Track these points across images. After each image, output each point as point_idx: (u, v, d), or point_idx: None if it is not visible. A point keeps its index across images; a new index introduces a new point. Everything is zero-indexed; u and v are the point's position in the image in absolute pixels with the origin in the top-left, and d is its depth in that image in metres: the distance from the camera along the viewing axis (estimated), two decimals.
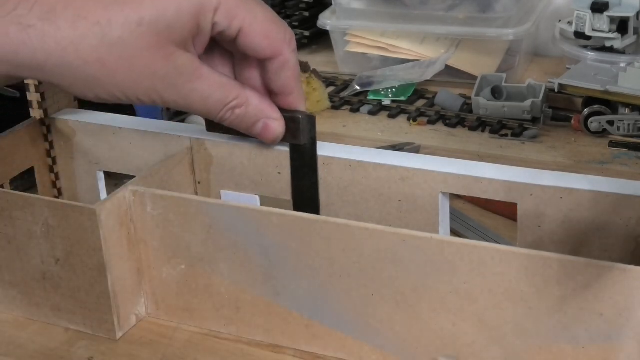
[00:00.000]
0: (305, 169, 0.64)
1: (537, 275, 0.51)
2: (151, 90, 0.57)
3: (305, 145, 0.63)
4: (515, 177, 0.59)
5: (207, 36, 0.58)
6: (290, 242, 0.57)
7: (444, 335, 0.55)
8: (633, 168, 0.88)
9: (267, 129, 0.62)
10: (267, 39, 0.59)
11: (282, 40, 0.59)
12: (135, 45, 0.55)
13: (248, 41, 0.59)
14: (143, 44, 0.55)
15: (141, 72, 0.56)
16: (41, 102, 0.74)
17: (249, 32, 0.58)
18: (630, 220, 0.56)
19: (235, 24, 0.58)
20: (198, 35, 0.58)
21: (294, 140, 0.63)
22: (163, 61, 0.56)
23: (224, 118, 0.60)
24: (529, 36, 1.10)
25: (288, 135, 0.63)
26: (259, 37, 0.59)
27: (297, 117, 0.62)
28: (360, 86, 1.10)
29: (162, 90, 0.57)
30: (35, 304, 0.64)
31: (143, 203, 0.61)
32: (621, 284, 0.49)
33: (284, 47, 0.59)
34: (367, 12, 1.14)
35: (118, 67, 0.55)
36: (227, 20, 0.58)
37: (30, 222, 0.61)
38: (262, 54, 0.59)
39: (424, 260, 0.53)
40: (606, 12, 1.02)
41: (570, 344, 0.52)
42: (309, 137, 0.63)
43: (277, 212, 0.57)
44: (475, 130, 0.98)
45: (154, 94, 0.57)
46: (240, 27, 0.58)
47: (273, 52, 0.59)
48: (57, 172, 0.77)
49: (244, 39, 0.59)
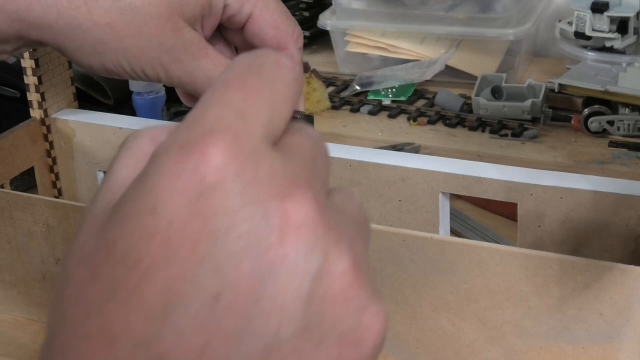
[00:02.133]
0: None
1: (537, 275, 0.51)
2: (156, 62, 0.57)
3: None
4: (515, 177, 0.59)
5: (217, 17, 0.58)
6: None
7: (444, 335, 0.55)
8: (633, 168, 0.87)
9: None
10: (275, 29, 0.59)
11: (290, 35, 0.59)
12: (146, 13, 0.55)
13: (256, 29, 0.59)
14: (154, 13, 0.56)
15: (149, 41, 0.56)
16: (41, 102, 0.74)
17: (259, 20, 0.58)
18: (630, 220, 0.56)
19: (246, 9, 0.58)
20: (208, 16, 0.58)
21: None
22: (171, 33, 0.56)
23: None
24: (529, 36, 1.10)
25: None
26: (267, 26, 0.58)
27: (295, 117, 0.62)
28: (360, 86, 1.10)
29: (167, 64, 0.57)
30: (36, 304, 0.64)
31: None
32: (621, 283, 0.49)
33: (290, 43, 0.59)
34: (367, 12, 1.14)
35: (127, 32, 0.56)
36: (238, 4, 0.58)
37: (30, 222, 0.61)
38: (267, 45, 0.59)
39: (424, 260, 0.53)
40: (606, 12, 1.02)
41: (570, 344, 0.52)
42: None
43: None
44: (475, 130, 0.98)
45: (158, 67, 0.57)
46: (250, 13, 0.58)
47: (279, 44, 0.59)
48: (57, 172, 0.77)
49: (253, 26, 0.58)
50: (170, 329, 0.28)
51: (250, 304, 0.28)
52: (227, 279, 0.28)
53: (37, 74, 0.73)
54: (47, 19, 0.55)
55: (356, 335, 0.30)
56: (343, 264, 0.29)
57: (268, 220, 0.28)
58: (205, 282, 0.28)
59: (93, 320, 0.28)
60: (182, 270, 0.28)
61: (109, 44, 0.56)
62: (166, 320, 0.28)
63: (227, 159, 0.28)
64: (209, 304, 0.28)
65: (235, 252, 0.28)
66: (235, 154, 0.28)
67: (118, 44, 0.56)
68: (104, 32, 0.55)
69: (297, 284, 0.28)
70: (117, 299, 0.28)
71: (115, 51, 0.56)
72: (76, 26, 0.55)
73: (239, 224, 0.28)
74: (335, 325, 0.29)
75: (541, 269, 0.51)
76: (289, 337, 0.28)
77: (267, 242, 0.28)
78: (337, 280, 0.29)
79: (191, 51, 0.58)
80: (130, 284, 0.28)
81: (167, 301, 0.28)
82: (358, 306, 0.30)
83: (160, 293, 0.28)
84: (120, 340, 0.28)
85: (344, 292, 0.29)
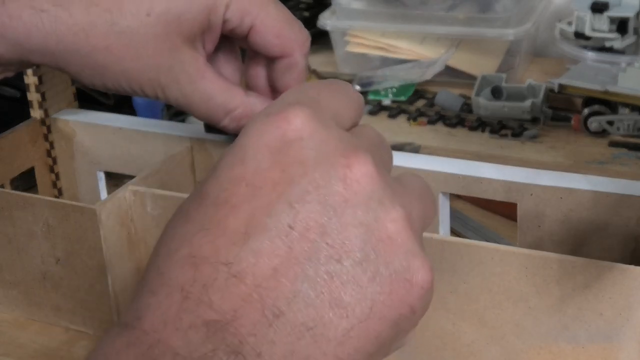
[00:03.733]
0: None
1: (537, 275, 0.51)
2: (155, 83, 0.57)
3: None
4: (515, 177, 0.59)
5: (218, 33, 0.58)
6: None
7: (443, 334, 0.55)
8: (633, 168, 0.88)
9: None
10: (278, 38, 0.58)
11: (294, 41, 0.59)
12: (143, 35, 0.55)
13: (259, 39, 0.58)
14: (150, 34, 0.56)
15: (146, 62, 0.56)
16: (42, 102, 0.74)
17: (260, 30, 0.58)
18: (630, 220, 0.56)
19: (247, 21, 0.58)
20: (208, 31, 0.58)
21: None
22: (168, 53, 0.56)
23: (228, 128, 0.60)
24: (529, 36, 1.10)
25: None
26: (269, 36, 0.58)
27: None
28: (360, 86, 1.10)
29: (165, 85, 0.57)
30: (36, 303, 0.64)
31: (143, 203, 0.61)
32: (621, 283, 0.49)
33: (295, 49, 0.59)
34: (367, 12, 1.14)
35: (125, 55, 0.56)
36: (238, 17, 0.57)
37: (30, 222, 0.61)
38: (271, 53, 0.59)
39: None
40: (606, 12, 1.02)
41: (570, 344, 0.52)
42: None
43: None
44: (475, 131, 0.98)
45: (157, 88, 0.57)
46: (252, 25, 0.58)
47: (283, 52, 0.59)
48: (57, 172, 0.77)
49: (255, 36, 0.58)
50: (248, 252, 0.33)
51: (317, 236, 0.33)
52: (299, 214, 0.33)
53: (38, 73, 0.73)
54: (47, 45, 0.55)
55: (406, 275, 0.35)
56: (397, 212, 0.35)
57: (336, 171, 0.34)
58: (282, 215, 0.33)
59: (184, 248, 0.34)
60: (263, 204, 0.33)
61: (108, 66, 0.56)
62: (246, 244, 0.33)
63: (305, 123, 0.35)
64: (284, 232, 0.33)
65: (308, 193, 0.34)
66: (311, 120, 0.35)
67: (117, 66, 0.56)
68: (103, 55, 0.56)
69: (357, 223, 0.34)
70: (206, 229, 0.34)
71: (115, 73, 0.57)
72: (75, 51, 0.56)
73: (311, 172, 0.34)
74: (388, 263, 0.34)
75: (541, 269, 0.51)
76: (348, 267, 0.33)
77: (333, 189, 0.34)
78: (390, 224, 0.35)
79: (188, 73, 0.58)
80: (218, 217, 0.34)
81: (248, 229, 0.33)
82: (409, 250, 0.35)
83: (243, 222, 0.33)
84: (206, 262, 0.33)
85: (397, 234, 0.35)
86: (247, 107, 0.59)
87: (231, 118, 0.59)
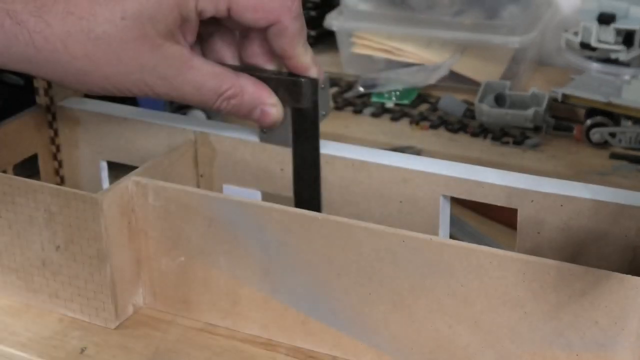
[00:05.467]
0: (307, 133, 0.64)
1: (534, 281, 0.51)
2: (141, 83, 0.58)
3: (307, 108, 0.63)
4: (516, 183, 0.59)
5: (195, 23, 0.59)
6: (290, 238, 0.57)
7: (439, 337, 0.55)
8: (633, 180, 0.88)
9: (265, 115, 0.62)
10: (257, 11, 0.59)
11: (277, 9, 0.59)
12: (121, 39, 0.56)
13: (240, 17, 0.59)
14: (128, 37, 0.56)
15: (128, 65, 0.57)
16: (47, 90, 0.75)
17: (238, 10, 0.59)
18: (629, 230, 0.56)
19: (222, 6, 0.58)
20: (184, 24, 0.58)
21: (296, 103, 0.63)
22: (150, 53, 0.57)
23: (220, 108, 0.61)
24: (534, 45, 1.10)
25: (290, 99, 0.63)
26: (248, 13, 0.59)
27: (300, 80, 0.62)
28: (364, 88, 1.10)
29: (152, 83, 0.58)
30: (34, 290, 0.64)
31: (145, 194, 0.61)
32: (617, 292, 0.49)
33: (281, 15, 0.59)
34: (373, 14, 1.14)
35: (104, 61, 0.56)
36: (212, 5, 0.58)
37: (32, 208, 0.61)
38: (259, 26, 0.60)
39: (423, 261, 0.54)
40: (613, 24, 1.02)
41: (564, 351, 0.52)
42: (310, 100, 0.63)
43: (277, 208, 0.57)
44: (477, 137, 0.98)
45: (144, 87, 0.58)
46: (228, 7, 0.58)
47: (268, 21, 0.59)
48: (60, 160, 0.77)
49: (236, 17, 0.59)
50: None
51: None
52: None
53: None
54: (27, 55, 0.56)
55: None
56: None
57: None
58: None
59: None
60: None
61: (90, 73, 0.57)
62: None
63: None
64: None
65: None
66: None
67: (99, 72, 0.57)
68: (83, 63, 0.56)
69: None
70: None
71: (98, 78, 0.57)
72: (55, 61, 0.56)
73: None
74: None
75: (538, 275, 0.51)
76: None
77: None
78: None
79: (175, 67, 0.58)
80: None
81: None
82: None
83: None
84: None
85: None
86: (237, 88, 0.60)
87: (222, 99, 0.60)
